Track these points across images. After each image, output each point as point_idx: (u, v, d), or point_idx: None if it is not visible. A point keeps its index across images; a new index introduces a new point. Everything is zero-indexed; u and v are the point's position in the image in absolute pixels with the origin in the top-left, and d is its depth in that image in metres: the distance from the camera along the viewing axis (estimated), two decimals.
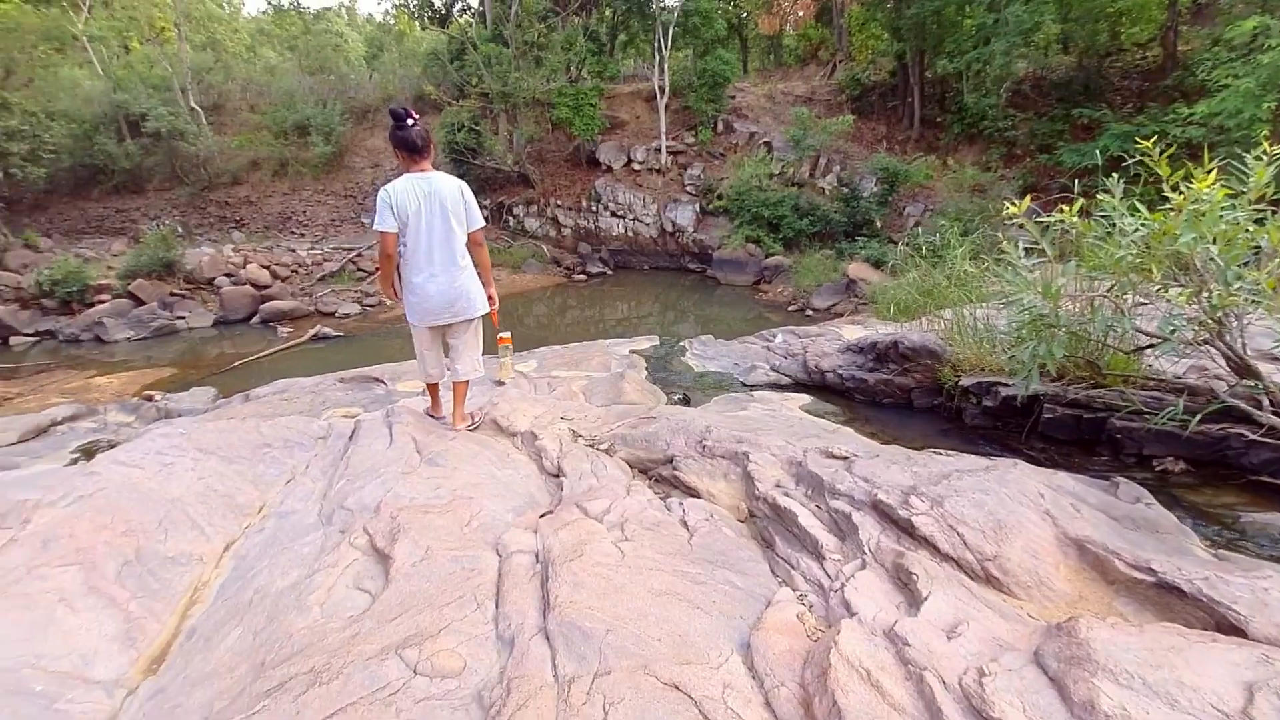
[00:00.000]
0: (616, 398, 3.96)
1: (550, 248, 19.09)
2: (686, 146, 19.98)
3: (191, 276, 14.94)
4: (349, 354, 12.35)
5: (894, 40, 19.17)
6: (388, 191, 2.91)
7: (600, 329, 14.84)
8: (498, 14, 19.10)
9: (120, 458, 2.51)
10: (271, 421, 2.95)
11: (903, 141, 19.38)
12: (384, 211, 2.90)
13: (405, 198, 2.89)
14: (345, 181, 20.98)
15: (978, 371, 3.80)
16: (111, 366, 11.77)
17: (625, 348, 5.55)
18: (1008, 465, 2.43)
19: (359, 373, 6.14)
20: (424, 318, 3.12)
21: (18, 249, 16.00)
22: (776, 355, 4.96)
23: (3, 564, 1.97)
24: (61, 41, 19.98)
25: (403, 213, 2.90)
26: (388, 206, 2.89)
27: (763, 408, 3.80)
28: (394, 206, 2.89)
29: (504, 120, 18.98)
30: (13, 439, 5.22)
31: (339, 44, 27.85)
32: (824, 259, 15.58)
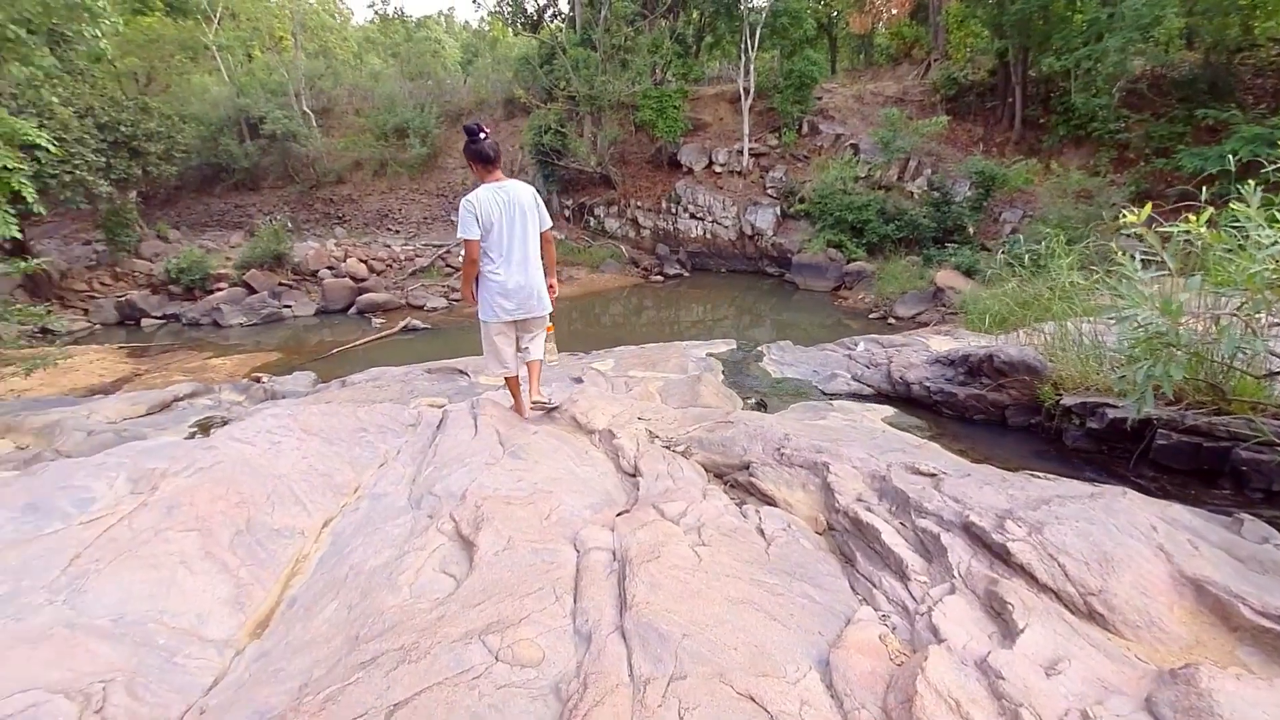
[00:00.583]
0: (693, 400, 3.95)
1: (629, 248, 19.27)
2: (769, 148, 19.68)
3: (298, 268, 16.06)
4: (435, 345, 12.92)
5: (995, 37, 18.18)
6: (471, 202, 3.12)
7: (675, 330, 14.84)
8: (587, 19, 19.47)
9: (235, 434, 2.74)
10: (368, 408, 3.15)
11: (1001, 144, 18.34)
12: (469, 220, 3.12)
13: (488, 206, 3.12)
14: (438, 181, 21.98)
15: (1082, 390, 3.55)
16: (226, 349, 12.83)
17: (702, 350, 5.53)
18: (1115, 494, 2.26)
19: (444, 364, 6.43)
20: (505, 313, 3.30)
21: (151, 239, 17.72)
22: (858, 364, 4.80)
23: (135, 525, 2.19)
24: (194, 51, 21.98)
25: (486, 220, 3.13)
26: (472, 216, 3.11)
27: (843, 417, 3.69)
28: (478, 215, 3.11)
29: (589, 122, 19.32)
30: (141, 411, 5.79)
31: (437, 50, 29.20)
32: (910, 266, 14.96)
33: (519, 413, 3.60)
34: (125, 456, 2.52)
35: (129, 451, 2.63)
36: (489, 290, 3.28)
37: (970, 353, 3.92)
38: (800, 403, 4.15)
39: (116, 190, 15.32)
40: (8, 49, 8.83)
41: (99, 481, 2.33)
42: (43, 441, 4.94)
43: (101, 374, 10.98)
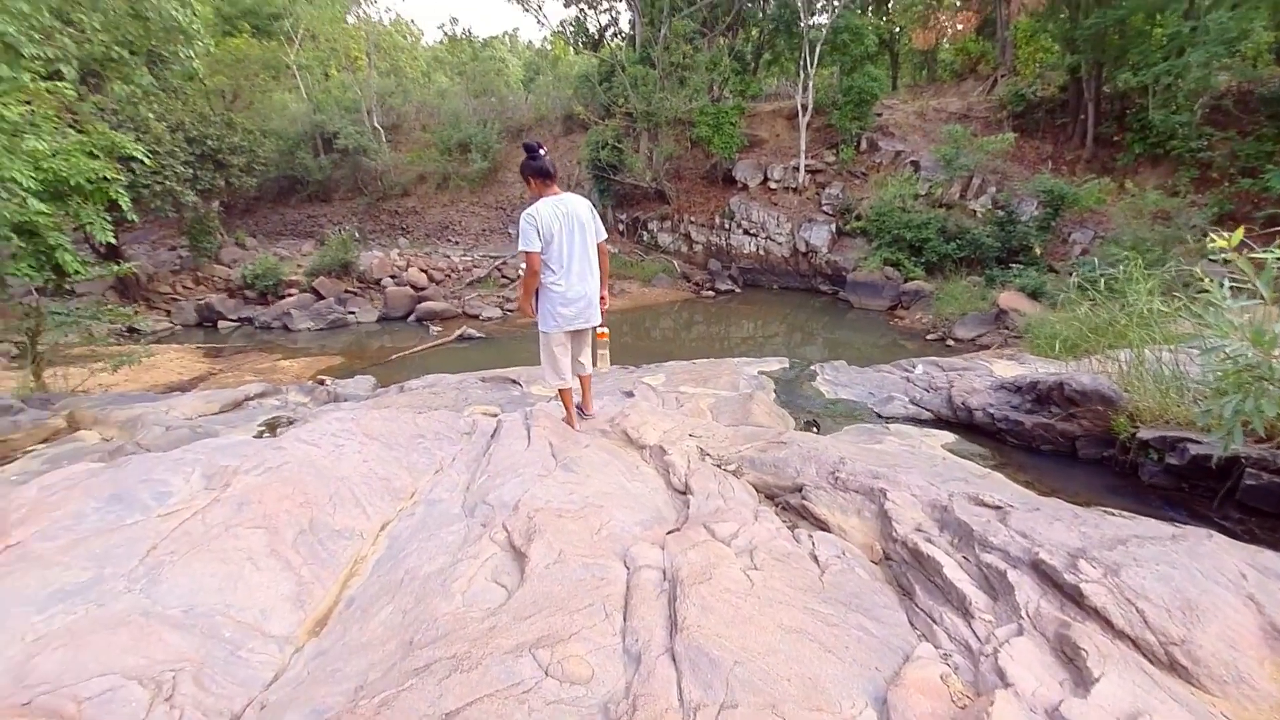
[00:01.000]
0: (744, 418, 3.90)
1: (681, 263, 19.31)
2: (826, 165, 19.43)
3: (363, 276, 16.74)
4: (489, 354, 13.21)
5: (1067, 53, 17.52)
6: (532, 215, 3.21)
7: (725, 346, 14.73)
8: (647, 37, 19.75)
9: (302, 436, 2.85)
10: (426, 415, 3.24)
11: (1071, 162, 17.62)
12: (530, 233, 3.21)
13: (549, 219, 3.22)
14: (497, 195, 22.59)
15: (1161, 424, 3.34)
16: (294, 352, 13.43)
17: (754, 368, 5.46)
18: (1200, 536, 2.10)
19: (498, 373, 6.55)
20: (565, 322, 3.39)
21: (230, 246, 18.80)
22: (916, 387, 4.64)
23: (208, 520, 2.30)
24: (277, 70, 23.34)
25: (547, 232, 3.22)
26: (534, 229, 3.20)
27: (900, 442, 3.57)
28: (539, 228, 3.20)
29: (645, 138, 19.53)
30: (215, 409, 6.10)
31: (501, 69, 30.14)
32: (971, 286, 14.47)
33: (571, 425, 3.64)
34: (201, 453, 2.66)
35: (204, 448, 2.78)
36: (550, 301, 3.37)
37: (1039, 379, 3.74)
38: (854, 425, 4.04)
39: (201, 200, 16.34)
40: (112, 69, 9.58)
41: (176, 476, 2.47)
42: (125, 434, 5.26)
43: (180, 372, 11.64)
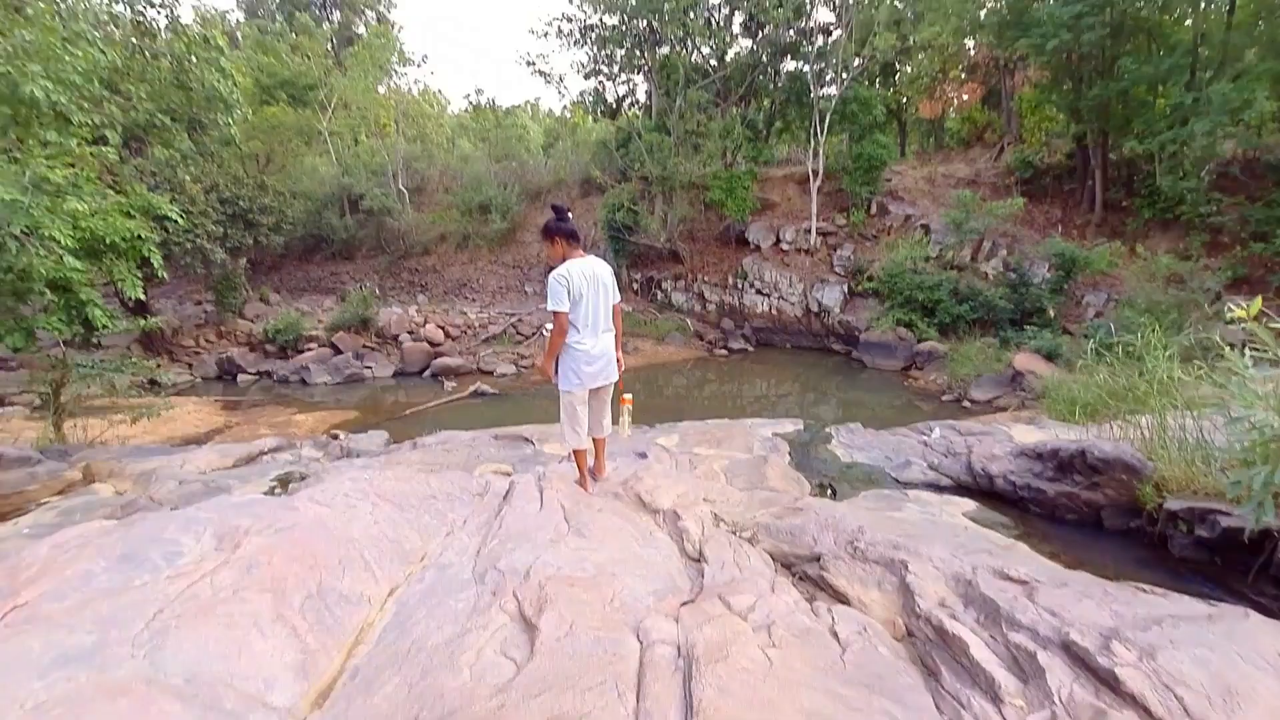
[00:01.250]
0: (759, 482, 3.84)
1: (694, 322, 19.48)
2: (837, 228, 19.78)
3: (381, 332, 17.02)
4: (502, 411, 13.23)
5: (1072, 122, 17.99)
6: (565, 276, 3.29)
7: (738, 405, 14.67)
8: (662, 106, 20.59)
9: (315, 496, 2.84)
10: (439, 476, 3.22)
11: (1081, 226, 17.81)
12: (561, 293, 3.28)
13: (578, 280, 3.31)
14: (515, 254, 23.13)
15: (1188, 494, 3.25)
16: (310, 406, 13.53)
17: (768, 429, 5.40)
18: (1236, 616, 2.01)
19: (511, 431, 6.54)
20: (588, 380, 3.45)
21: (254, 302, 19.30)
22: (935, 452, 4.55)
23: (216, 583, 2.27)
24: (309, 136, 24.49)
25: (576, 292, 3.31)
26: (565, 289, 3.28)
27: (920, 510, 3.48)
28: (570, 288, 3.28)
29: (660, 201, 20.08)
30: (229, 463, 6.13)
31: (522, 135, 31.40)
32: (985, 348, 14.41)
33: (584, 487, 3.61)
34: (214, 512, 2.65)
35: (217, 507, 2.78)
36: (574, 360, 3.42)
37: (1060, 446, 3.67)
38: (872, 491, 3.96)
39: (229, 257, 16.88)
40: (154, 134, 10.13)
41: (188, 536, 2.45)
42: (139, 488, 5.28)
43: (197, 424, 11.75)
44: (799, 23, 19.77)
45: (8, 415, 11.45)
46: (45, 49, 4.66)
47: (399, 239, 23.44)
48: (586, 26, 21.09)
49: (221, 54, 9.22)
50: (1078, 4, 15.32)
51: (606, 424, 3.68)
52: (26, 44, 4.53)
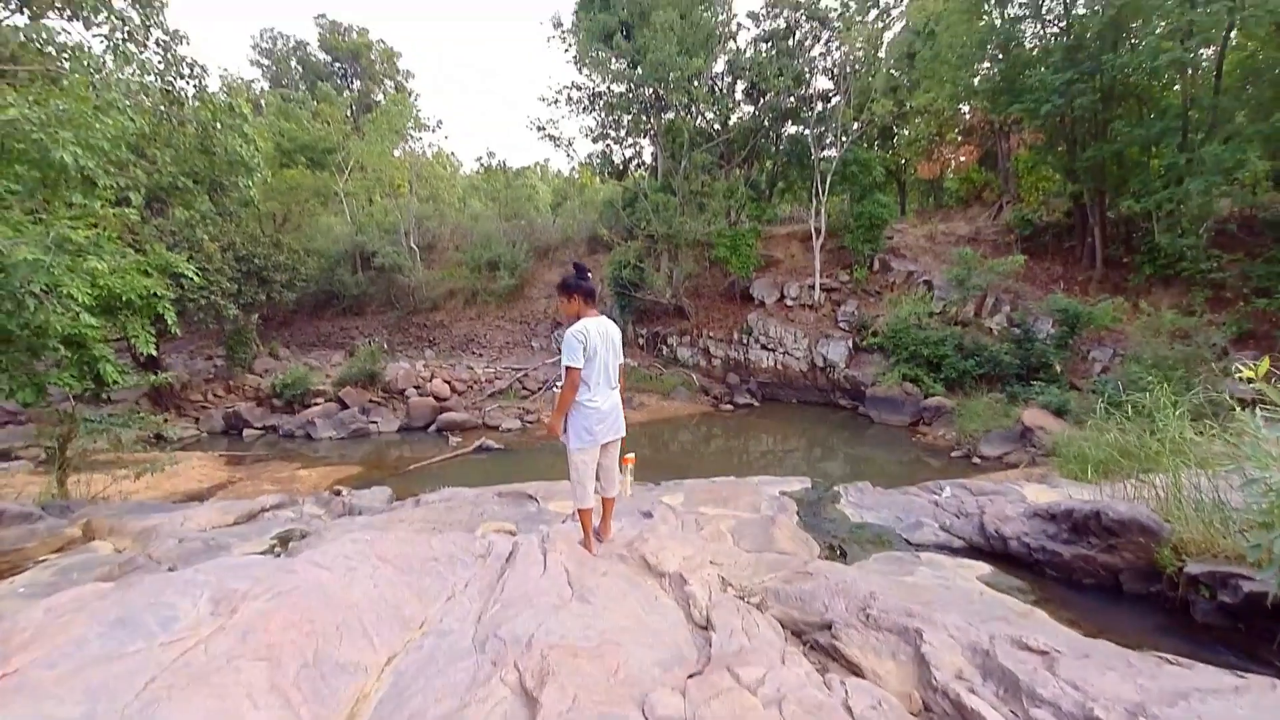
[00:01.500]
0: (767, 544, 3.75)
1: (700, 377, 19.51)
2: (840, 284, 20.03)
3: (388, 387, 17.08)
4: (506, 466, 13.12)
5: (1068, 182, 18.42)
6: (581, 333, 3.35)
7: (744, 460, 14.51)
8: (668, 168, 21.24)
9: (315, 558, 2.79)
10: (441, 537, 3.16)
11: (1083, 282, 17.96)
12: (577, 350, 3.33)
13: (594, 338, 3.38)
14: (522, 309, 23.44)
15: (1208, 557, 3.16)
16: (314, 461, 13.47)
17: (775, 488, 5.31)
18: (1264, 687, 1.93)
19: (515, 488, 6.47)
20: (598, 437, 3.45)
21: (264, 356, 19.47)
22: (946, 513, 4.45)
23: (210, 650, 2.21)
24: (326, 196, 25.27)
25: (591, 350, 3.37)
26: (580, 346, 3.33)
27: (933, 573, 3.38)
28: (586, 345, 3.34)
29: (665, 258, 20.45)
30: (230, 521, 6.05)
31: (531, 195, 32.35)
32: (993, 403, 14.33)
33: (588, 548, 3.54)
34: (212, 574, 2.61)
35: (216, 569, 2.73)
36: (584, 418, 3.43)
37: (1074, 507, 3.59)
38: (883, 553, 3.85)
39: (242, 313, 17.15)
40: (176, 196, 10.47)
41: (185, 599, 2.41)
42: (139, 545, 5.21)
43: (200, 480, 11.68)
44: (799, 90, 20.57)
45: (13, 470, 11.44)
46: (77, 117, 4.90)
47: (409, 295, 23.85)
48: (595, 94, 22.02)
49: (245, 121, 9.60)
50: (1068, 71, 15.92)
51: (615, 483, 3.66)
52: (60, 113, 4.76)
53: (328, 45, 36.13)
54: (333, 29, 36.16)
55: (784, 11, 20.36)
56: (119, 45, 8.02)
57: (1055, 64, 16.47)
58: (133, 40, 8.36)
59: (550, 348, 21.29)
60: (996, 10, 18.51)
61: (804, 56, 20.66)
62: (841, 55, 20.36)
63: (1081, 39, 16.47)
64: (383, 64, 37.22)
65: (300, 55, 36.39)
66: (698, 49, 18.67)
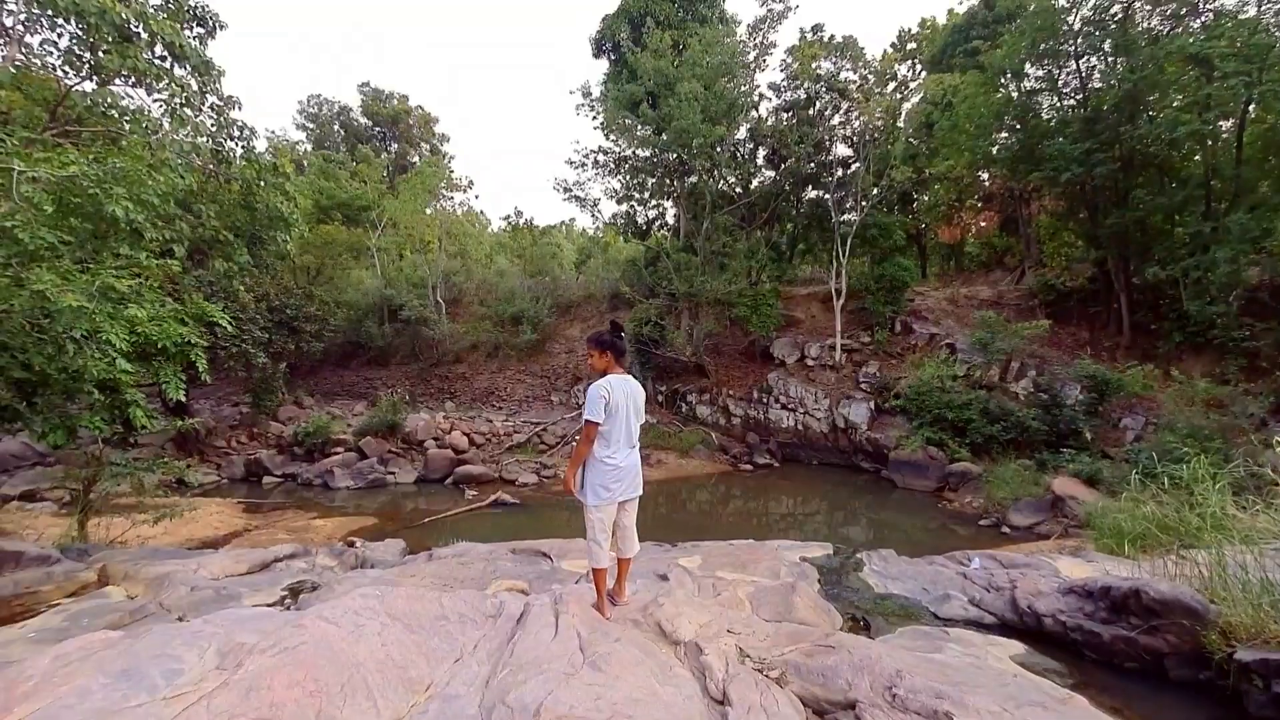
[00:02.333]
0: (787, 613, 3.60)
1: (719, 435, 19.31)
2: (862, 345, 19.95)
3: (408, 438, 17.15)
4: (521, 521, 12.95)
5: (1091, 248, 18.38)
6: (606, 388, 3.36)
7: (764, 523, 14.16)
8: (690, 229, 21.70)
9: (325, 613, 2.73)
10: (451, 595, 3.07)
11: (1110, 348, 17.67)
12: (599, 405, 3.33)
13: (618, 394, 3.38)
14: (543, 364, 23.65)
15: (1259, 643, 2.95)
16: (330, 511, 13.43)
17: (796, 553, 5.13)
18: None
19: (528, 545, 6.37)
20: (615, 494, 3.39)
21: (289, 405, 19.76)
22: (976, 586, 4.25)
23: (213, 707, 2.16)
24: (359, 251, 26.16)
25: (614, 406, 3.36)
26: (604, 401, 3.33)
27: (962, 651, 3.20)
28: (610, 401, 3.34)
29: (686, 316, 20.63)
30: (243, 570, 6.01)
31: (555, 252, 33.16)
32: (1021, 470, 13.93)
33: (602, 610, 3.44)
34: (220, 626, 2.57)
35: (224, 621, 2.69)
36: (601, 476, 3.39)
37: (1111, 584, 3.41)
38: (909, 627, 3.66)
39: (271, 361, 17.53)
40: (217, 248, 10.91)
41: (191, 651, 2.37)
42: (151, 592, 5.18)
43: (217, 527, 11.68)
44: (819, 156, 21.10)
45: (37, 511, 11.57)
46: (132, 174, 5.19)
47: (433, 347, 24.26)
48: (620, 158, 22.79)
49: (287, 179, 10.08)
50: (1087, 141, 16.14)
51: (633, 543, 3.58)
52: (116, 170, 5.05)
53: (369, 111, 38.16)
54: (374, 96, 38.26)
55: (804, 83, 21.11)
56: (176, 109, 8.56)
57: (1073, 134, 16.72)
58: (189, 105, 8.93)
59: (570, 403, 21.32)
60: (1013, 84, 19.01)
61: (824, 125, 21.29)
62: (860, 124, 20.94)
63: (1099, 110, 16.77)
64: (420, 128, 39.11)
65: (343, 119, 38.43)
66: (720, 117, 19.35)
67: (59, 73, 8.52)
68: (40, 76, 8.60)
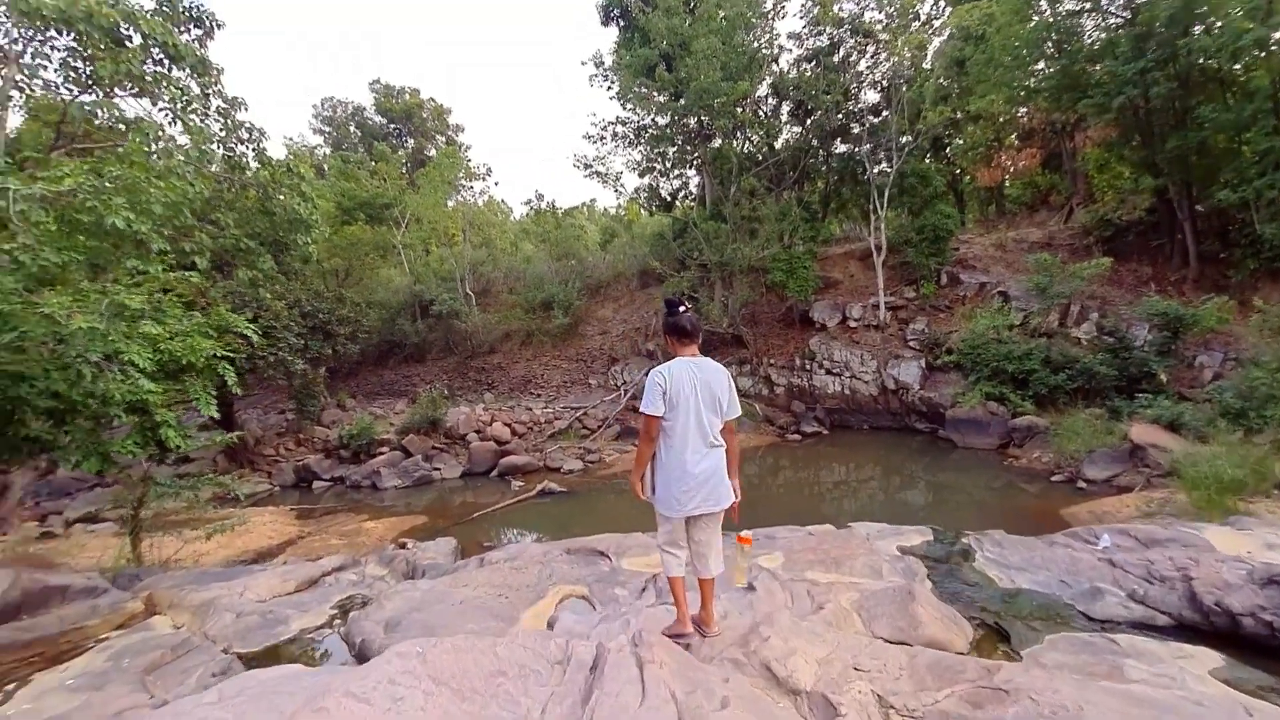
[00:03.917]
0: (910, 628, 3.01)
1: (763, 406, 18.72)
2: (907, 301, 19.03)
3: (449, 432, 17.00)
4: (570, 510, 12.68)
5: (1148, 176, 17.07)
6: (663, 374, 2.82)
7: (815, 492, 13.66)
8: (717, 195, 20.91)
9: (353, 687, 2.21)
10: (508, 643, 2.55)
11: (1177, 282, 16.49)
12: (655, 394, 2.80)
13: (680, 382, 2.81)
14: (577, 347, 23.29)
15: None
16: (380, 512, 13.35)
17: (891, 542, 4.52)
18: None
19: (584, 543, 5.98)
20: (682, 505, 2.85)
21: (331, 408, 19.82)
22: (1131, 576, 3.49)
23: None
24: (385, 250, 26.05)
25: (674, 396, 2.80)
26: (660, 390, 2.79)
27: (1149, 671, 2.55)
28: (667, 390, 2.79)
29: (719, 286, 19.96)
30: (290, 589, 5.76)
31: (579, 234, 32.62)
32: (1092, 419, 13.05)
33: (682, 626, 2.97)
34: (229, 710, 2.17)
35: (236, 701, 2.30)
36: (668, 481, 2.87)
37: None
38: (1060, 634, 3.02)
39: (310, 367, 17.51)
40: (240, 257, 10.70)
41: None
42: (197, 621, 4.95)
43: (271, 536, 11.66)
44: (847, 105, 20.02)
45: (99, 532, 11.72)
46: (131, 183, 4.86)
47: (466, 340, 24.12)
48: (639, 128, 22.00)
49: (302, 180, 9.75)
50: (1140, 60, 14.85)
51: (714, 562, 2.96)
52: (114, 179, 4.71)
53: (383, 108, 37.89)
54: (386, 92, 37.95)
55: (827, 28, 19.96)
56: (182, 115, 8.23)
57: (1124, 54, 15.39)
58: (194, 110, 8.60)
59: (608, 385, 20.95)
60: (1049, 6, 17.58)
61: (850, 71, 20.16)
62: (890, 67, 19.75)
63: (1150, 26, 15.37)
64: (434, 120, 38.73)
65: (358, 119, 38.26)
66: (741, 72, 18.42)
67: (60, 90, 8.26)
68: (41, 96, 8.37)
